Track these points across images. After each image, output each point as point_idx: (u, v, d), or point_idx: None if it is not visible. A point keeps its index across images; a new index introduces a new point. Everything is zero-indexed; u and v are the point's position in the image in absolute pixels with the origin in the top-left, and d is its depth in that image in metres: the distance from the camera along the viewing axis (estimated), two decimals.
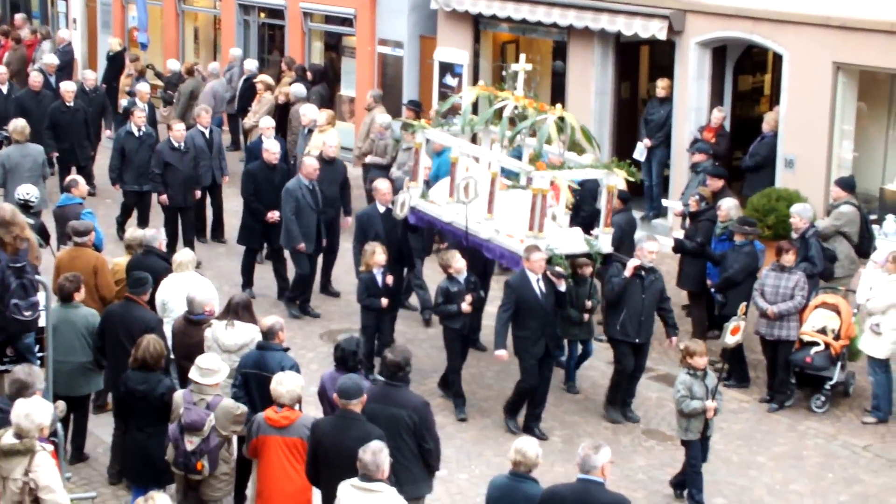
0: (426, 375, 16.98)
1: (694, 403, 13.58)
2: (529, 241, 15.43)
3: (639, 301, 15.63)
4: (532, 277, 15.17)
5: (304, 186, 18.79)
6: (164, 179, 20.90)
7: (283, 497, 11.91)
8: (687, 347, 13.82)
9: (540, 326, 15.27)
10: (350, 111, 28.26)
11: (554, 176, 15.61)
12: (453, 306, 15.79)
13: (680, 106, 22.37)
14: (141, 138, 21.81)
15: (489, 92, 17.71)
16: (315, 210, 18.83)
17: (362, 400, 11.53)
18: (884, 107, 20.63)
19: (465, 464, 14.99)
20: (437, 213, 17.16)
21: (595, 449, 10.53)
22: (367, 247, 16.56)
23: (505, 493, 10.81)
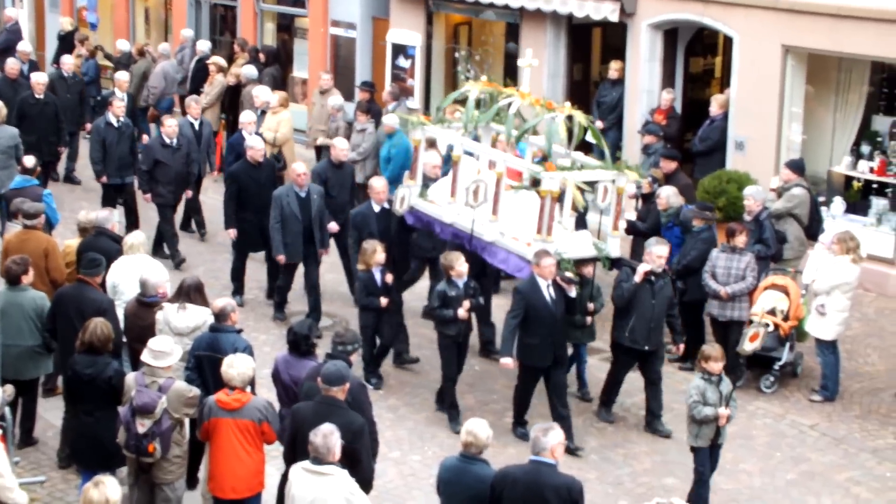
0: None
1: (706, 410, 13.11)
2: (537, 245, 14.99)
3: (649, 307, 15.17)
4: (542, 283, 14.69)
5: (294, 194, 17.92)
6: (153, 177, 20.31)
7: (235, 479, 11.92)
8: (703, 351, 13.35)
9: (549, 334, 14.77)
10: (302, 93, 28.20)
11: (564, 177, 15.06)
12: (449, 311, 15.20)
13: (632, 88, 22.45)
14: (120, 129, 21.32)
15: (493, 88, 17.07)
16: (301, 220, 17.87)
17: (344, 388, 11.54)
18: (831, 90, 20.77)
19: (418, 445, 15.04)
20: (437, 213, 16.59)
21: (545, 431, 10.59)
22: (367, 245, 16.10)
23: (455, 474, 10.86)
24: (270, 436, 11.90)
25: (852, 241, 16.13)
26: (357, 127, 22.30)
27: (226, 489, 11.95)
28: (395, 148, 21.15)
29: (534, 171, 15.56)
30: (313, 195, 17.97)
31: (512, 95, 16.41)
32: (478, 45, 25.61)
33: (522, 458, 11.08)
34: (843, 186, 20.72)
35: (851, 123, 20.64)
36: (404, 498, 13.89)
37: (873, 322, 18.78)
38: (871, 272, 17.76)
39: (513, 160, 16.18)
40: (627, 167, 15.62)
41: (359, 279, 16.37)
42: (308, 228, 17.92)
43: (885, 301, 19.06)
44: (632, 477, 14.47)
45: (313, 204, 17.92)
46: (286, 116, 22.59)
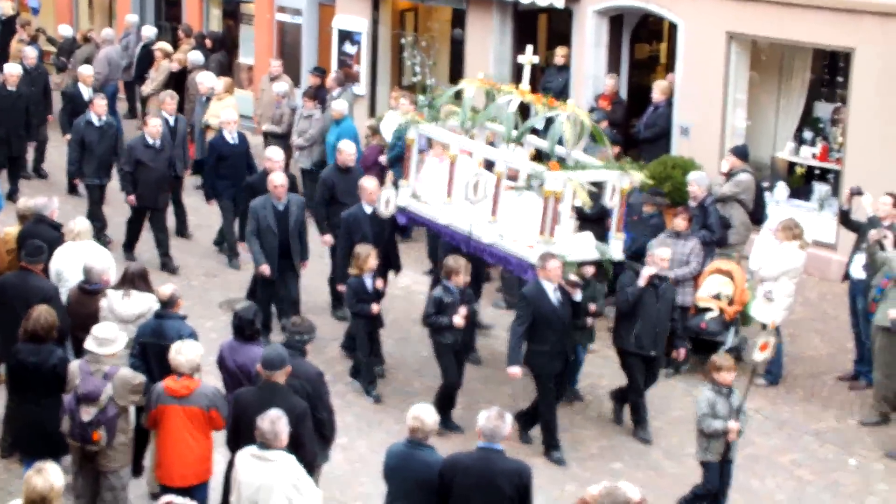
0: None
1: (716, 423, 12.64)
2: (540, 247, 14.55)
3: (654, 311, 14.83)
4: (548, 287, 14.24)
5: (271, 206, 16.94)
6: (134, 178, 19.45)
7: (183, 466, 11.89)
8: (713, 362, 12.83)
9: (558, 339, 14.33)
10: (248, 79, 28.11)
11: (568, 177, 14.67)
12: (445, 318, 14.69)
13: (577, 74, 22.50)
14: (102, 128, 20.43)
15: (490, 86, 16.53)
16: (277, 234, 16.87)
17: (286, 371, 11.55)
18: (774, 76, 20.91)
19: (365, 431, 15.05)
20: (432, 214, 16.11)
21: (501, 418, 10.63)
22: (360, 250, 15.56)
23: (402, 460, 10.88)
24: (219, 422, 11.87)
25: (797, 228, 16.25)
26: (304, 113, 22.27)
27: (174, 477, 11.92)
28: (344, 134, 21.14)
29: (536, 170, 14.99)
30: (292, 207, 17.02)
31: (511, 93, 15.99)
32: (424, 31, 25.61)
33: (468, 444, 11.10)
34: (787, 172, 20.88)
35: (794, 110, 20.79)
36: (351, 483, 13.90)
37: (816, 306, 18.94)
38: (813, 257, 17.90)
39: (516, 159, 15.71)
40: (631, 167, 15.18)
41: (349, 285, 15.71)
42: (285, 243, 16.96)
43: (828, 285, 19.22)
44: (579, 461, 14.53)
45: (291, 216, 16.97)
46: (231, 103, 22.50)
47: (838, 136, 20.02)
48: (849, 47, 19.25)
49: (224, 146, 19.81)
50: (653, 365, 15.09)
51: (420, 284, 18.95)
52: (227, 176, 19.74)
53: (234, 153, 19.79)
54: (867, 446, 15.06)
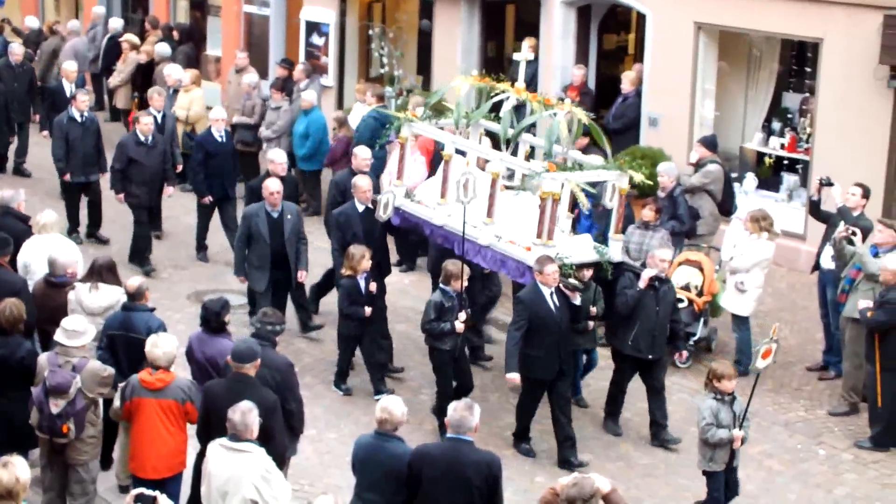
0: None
1: (720, 433, 12.46)
2: (538, 249, 14.21)
3: (653, 314, 14.52)
4: (545, 291, 13.88)
5: (265, 213, 16.27)
6: (127, 177, 19.04)
7: (157, 458, 11.84)
8: (714, 370, 12.65)
9: (555, 344, 13.97)
10: (216, 71, 28.01)
11: (566, 178, 14.32)
12: (446, 324, 14.35)
13: (546, 65, 22.49)
14: (84, 124, 19.98)
15: (485, 83, 16.11)
16: (270, 244, 16.18)
17: (256, 364, 11.51)
18: (743, 67, 20.95)
19: (334, 423, 15.01)
20: (426, 215, 15.67)
21: (470, 409, 10.59)
22: (354, 250, 15.20)
23: (370, 451, 10.83)
24: (194, 415, 11.83)
25: (765, 219, 16.27)
26: (272, 105, 22.22)
27: (147, 469, 11.87)
28: (314, 125, 21.16)
29: (534, 171, 14.57)
30: (287, 215, 16.31)
31: (506, 91, 15.68)
32: (391, 23, 25.56)
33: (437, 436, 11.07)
34: (755, 162, 20.91)
35: (762, 100, 20.84)
36: (320, 475, 13.86)
37: (785, 297, 18.98)
38: (782, 247, 17.91)
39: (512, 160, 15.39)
40: (630, 167, 14.91)
41: (342, 286, 15.40)
42: (278, 253, 16.25)
43: (797, 276, 19.25)
44: (548, 453, 14.50)
45: (286, 224, 16.27)
46: (199, 94, 22.45)
47: (807, 127, 20.07)
48: (817, 38, 19.29)
49: (212, 143, 19.47)
50: (655, 369, 14.76)
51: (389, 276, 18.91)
52: (214, 174, 19.40)
53: (221, 151, 19.47)
54: (836, 436, 15.10)
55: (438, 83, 23.63)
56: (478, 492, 10.41)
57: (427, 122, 16.17)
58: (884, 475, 14.33)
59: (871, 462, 14.58)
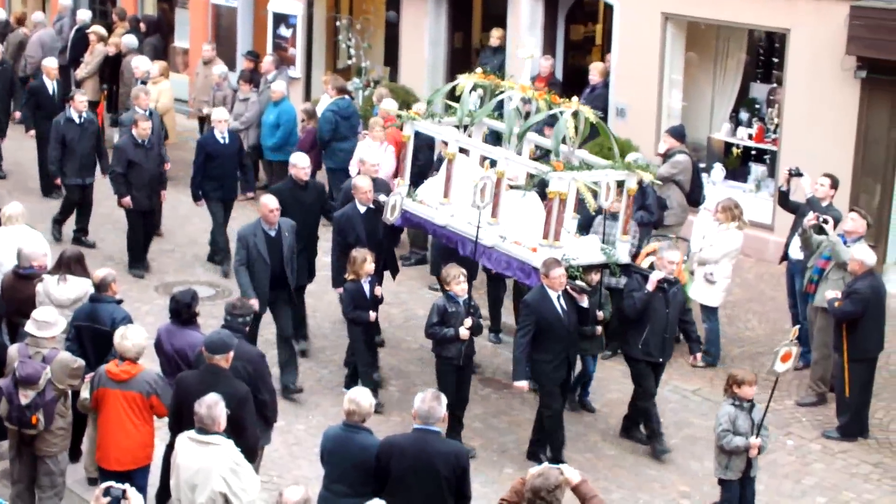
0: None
1: (737, 440, 12.18)
2: (544, 251, 13.87)
3: (662, 316, 14.14)
4: (552, 294, 13.56)
5: (262, 232, 15.32)
6: (126, 180, 18.56)
7: (121, 451, 11.81)
8: (734, 376, 12.36)
9: (563, 349, 13.68)
10: (184, 62, 27.92)
11: (573, 177, 13.95)
12: (450, 329, 13.80)
13: (513, 55, 22.46)
14: (83, 126, 19.53)
15: (489, 81, 15.79)
16: (270, 263, 15.27)
17: (229, 355, 11.48)
18: (710, 57, 20.99)
19: (303, 414, 14.99)
20: (428, 215, 15.31)
21: (437, 400, 10.58)
22: (357, 254, 14.73)
23: (339, 443, 10.82)
24: (160, 409, 11.80)
25: (736, 208, 16.31)
26: (240, 96, 22.22)
27: (111, 460, 11.85)
28: (285, 115, 21.14)
29: (541, 170, 14.16)
30: (284, 232, 15.42)
31: (511, 89, 15.29)
32: (359, 14, 25.52)
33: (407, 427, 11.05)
34: (723, 153, 20.96)
35: (730, 91, 20.89)
36: (289, 467, 13.84)
37: (753, 287, 19.04)
38: (750, 238, 17.95)
39: (519, 159, 15.09)
40: (638, 167, 14.61)
41: (346, 290, 14.88)
42: (277, 272, 15.37)
43: (765, 266, 19.32)
44: (517, 444, 14.52)
45: (284, 242, 15.41)
46: (167, 86, 22.38)
47: (774, 117, 20.12)
48: (784, 28, 19.36)
49: (214, 145, 18.89)
50: (658, 372, 14.53)
51: None
52: (216, 177, 18.84)
53: (223, 153, 18.86)
54: (804, 427, 15.15)
55: (405, 75, 23.69)
56: (446, 482, 10.40)
57: (430, 120, 15.81)
58: (851, 465, 14.39)
59: (839, 452, 14.63)
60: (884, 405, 15.61)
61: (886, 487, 14.03)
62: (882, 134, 18.51)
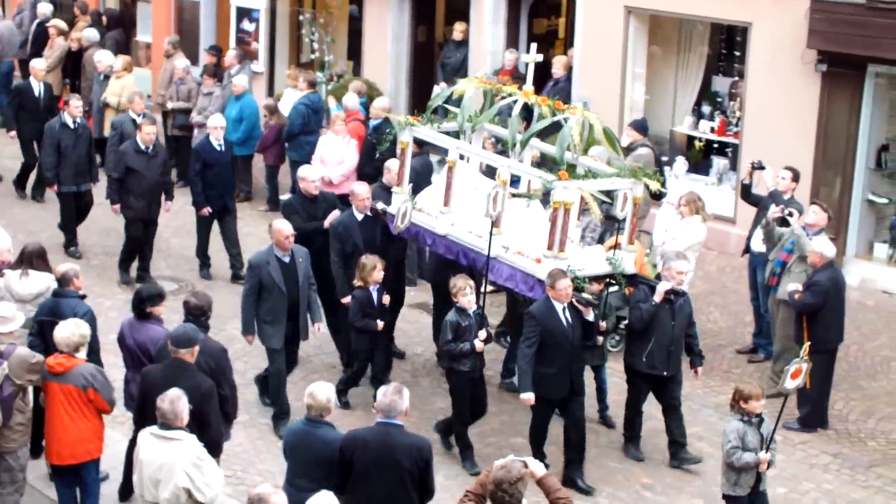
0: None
1: (747, 457, 11.85)
2: (549, 262, 13.45)
3: (668, 329, 13.83)
4: (558, 307, 13.23)
5: (276, 260, 14.41)
6: (125, 187, 17.99)
7: (60, 444, 11.84)
8: (741, 391, 12.01)
9: (567, 362, 13.35)
10: (147, 57, 27.81)
11: (579, 186, 13.53)
12: (466, 344, 13.50)
13: (476, 49, 22.51)
14: (77, 131, 19.02)
15: (490, 86, 15.24)
16: (287, 293, 14.38)
17: (194, 349, 11.48)
18: (673, 51, 21.06)
19: (267, 409, 14.95)
20: (428, 224, 14.83)
21: (399, 394, 10.59)
22: (367, 261, 14.46)
23: (301, 437, 10.84)
24: (100, 403, 11.73)
25: (699, 201, 16.38)
26: (204, 90, 22.17)
27: (52, 454, 11.94)
28: (247, 109, 21.11)
29: (545, 179, 13.66)
30: (298, 259, 14.52)
31: (514, 94, 14.77)
32: (322, 9, 25.48)
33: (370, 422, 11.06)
34: (685, 146, 21.03)
35: (692, 84, 20.96)
36: (253, 461, 13.84)
37: (715, 280, 19.12)
38: (712, 231, 18.02)
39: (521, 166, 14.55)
40: (645, 174, 14.14)
41: (354, 297, 14.58)
42: (294, 303, 14.47)
43: (727, 259, 19.40)
44: (479, 437, 14.50)
45: (299, 270, 14.52)
46: (130, 81, 22.29)
47: (736, 111, 20.21)
48: (745, 22, 19.43)
49: (210, 153, 18.42)
50: (670, 386, 14.14)
51: None
52: (213, 185, 18.34)
53: (220, 161, 18.44)
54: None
55: (369, 69, 23.67)
56: (409, 475, 10.42)
57: (429, 126, 15.19)
58: (811, 455, 14.50)
59: (799, 443, 14.74)
60: (843, 396, 15.73)
61: (845, 477, 14.16)
62: (842, 127, 18.60)
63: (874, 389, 15.70)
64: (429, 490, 10.66)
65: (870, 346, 17.19)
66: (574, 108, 14.47)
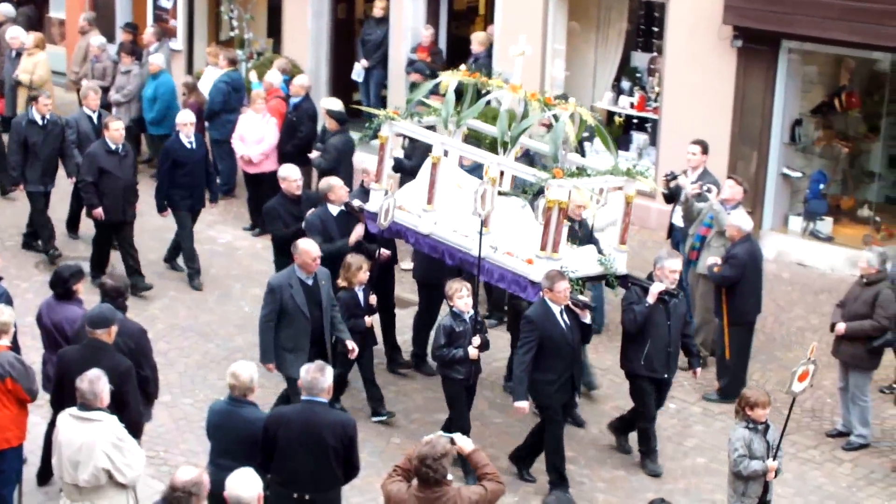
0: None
1: (754, 465, 11.42)
2: (542, 263, 12.99)
3: (664, 330, 13.34)
4: (555, 309, 12.73)
5: (298, 282, 13.37)
6: (98, 189, 17.06)
7: None
8: (747, 397, 11.61)
9: (567, 367, 12.83)
10: (61, 34, 27.51)
11: (574, 185, 13.08)
12: (459, 350, 12.92)
13: (396, 26, 22.47)
14: (46, 128, 17.98)
15: (475, 79, 14.54)
16: (310, 319, 13.36)
17: (111, 330, 11.38)
18: (592, 27, 21.14)
19: (189, 388, 14.94)
20: (411, 222, 14.27)
21: (321, 371, 10.60)
22: (352, 260, 13.89)
23: (224, 417, 10.82)
24: (19, 392, 11.47)
25: None
26: (122, 69, 21.95)
27: None
28: (162, 87, 20.94)
29: (539, 177, 13.13)
30: (321, 281, 13.50)
31: (501, 88, 14.25)
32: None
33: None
34: (606, 122, 21.12)
35: (612, 60, 21.06)
36: (176, 441, 13.79)
37: (637, 255, 19.03)
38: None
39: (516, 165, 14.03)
40: (639, 173, 13.76)
41: (340, 300, 13.84)
42: (318, 328, 13.47)
43: (647, 234, 19.53)
44: (404, 413, 14.57)
45: (322, 292, 13.52)
46: (42, 58, 21.98)
47: (655, 86, 20.34)
48: None
49: (180, 151, 17.61)
50: (664, 390, 13.79)
51: (241, 240, 18.90)
52: (184, 185, 17.56)
53: (191, 159, 17.60)
54: (685, 391, 15.37)
55: (289, 46, 23.57)
56: (333, 452, 10.44)
57: (410, 120, 14.69)
58: (730, 426, 14.44)
59: (718, 413, 14.90)
60: (760, 367, 15.93)
61: None
62: (758, 102, 18.79)
63: (789, 360, 15.86)
64: (354, 466, 10.70)
65: (785, 318, 17.42)
66: (566, 104, 13.88)
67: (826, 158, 19.74)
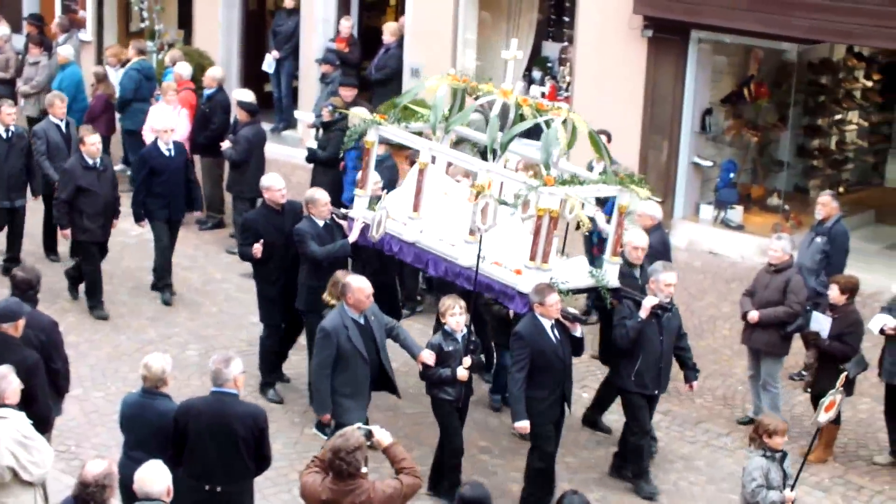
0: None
1: (773, 495, 10.89)
2: (531, 274, 12.61)
3: (657, 345, 12.92)
4: (546, 324, 12.28)
5: (352, 322, 12.33)
6: (75, 208, 16.15)
7: None
8: (766, 425, 11.14)
9: (558, 383, 12.40)
10: None
11: (566, 193, 12.57)
12: (447, 370, 12.40)
13: (307, 17, 22.42)
14: (10, 141, 16.96)
15: (465, 84, 14.19)
16: (367, 360, 12.40)
17: (18, 323, 11.29)
18: (503, 17, 21.21)
19: (101, 382, 14.85)
20: (395, 230, 13.72)
21: (226, 362, 10.57)
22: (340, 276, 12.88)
23: (137, 409, 10.76)
24: None
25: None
26: (30, 60, 21.77)
27: None
28: (66, 80, 20.75)
29: (530, 185, 12.71)
30: (371, 317, 12.47)
31: (491, 93, 13.84)
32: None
33: (206, 391, 11.01)
34: None
35: (523, 50, 21.04)
36: (87, 435, 13.69)
37: None
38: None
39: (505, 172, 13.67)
40: (634, 182, 13.18)
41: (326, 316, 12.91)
42: (377, 367, 12.56)
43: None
44: None
45: (374, 328, 12.50)
46: None
47: (566, 76, 20.44)
48: None
49: (157, 158, 16.83)
50: (653, 406, 13.44)
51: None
52: (161, 194, 16.78)
53: (169, 167, 16.81)
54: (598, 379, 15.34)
55: (200, 37, 23.45)
56: (244, 443, 10.42)
57: (396, 125, 14.18)
58: None
59: None
60: None
61: (675, 434, 14.59)
62: (668, 92, 18.95)
63: (701, 348, 16.01)
64: (265, 457, 10.68)
65: (696, 306, 17.59)
66: (559, 108, 13.58)
67: (736, 147, 19.96)
